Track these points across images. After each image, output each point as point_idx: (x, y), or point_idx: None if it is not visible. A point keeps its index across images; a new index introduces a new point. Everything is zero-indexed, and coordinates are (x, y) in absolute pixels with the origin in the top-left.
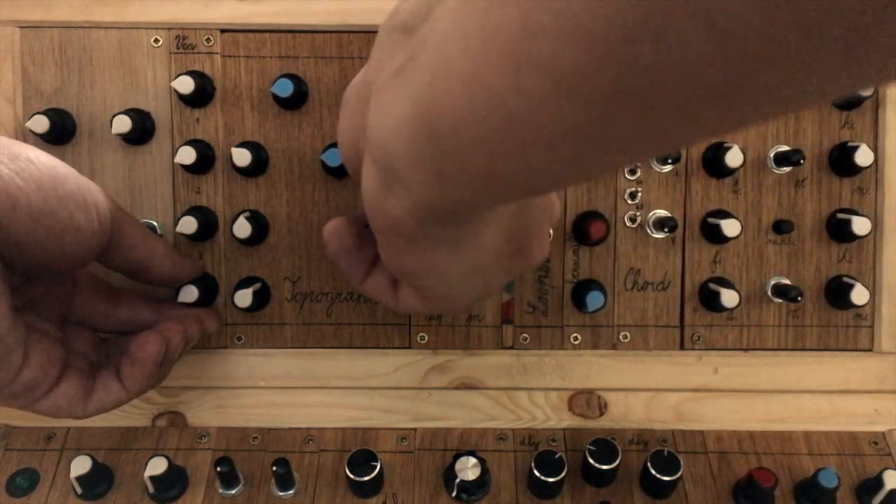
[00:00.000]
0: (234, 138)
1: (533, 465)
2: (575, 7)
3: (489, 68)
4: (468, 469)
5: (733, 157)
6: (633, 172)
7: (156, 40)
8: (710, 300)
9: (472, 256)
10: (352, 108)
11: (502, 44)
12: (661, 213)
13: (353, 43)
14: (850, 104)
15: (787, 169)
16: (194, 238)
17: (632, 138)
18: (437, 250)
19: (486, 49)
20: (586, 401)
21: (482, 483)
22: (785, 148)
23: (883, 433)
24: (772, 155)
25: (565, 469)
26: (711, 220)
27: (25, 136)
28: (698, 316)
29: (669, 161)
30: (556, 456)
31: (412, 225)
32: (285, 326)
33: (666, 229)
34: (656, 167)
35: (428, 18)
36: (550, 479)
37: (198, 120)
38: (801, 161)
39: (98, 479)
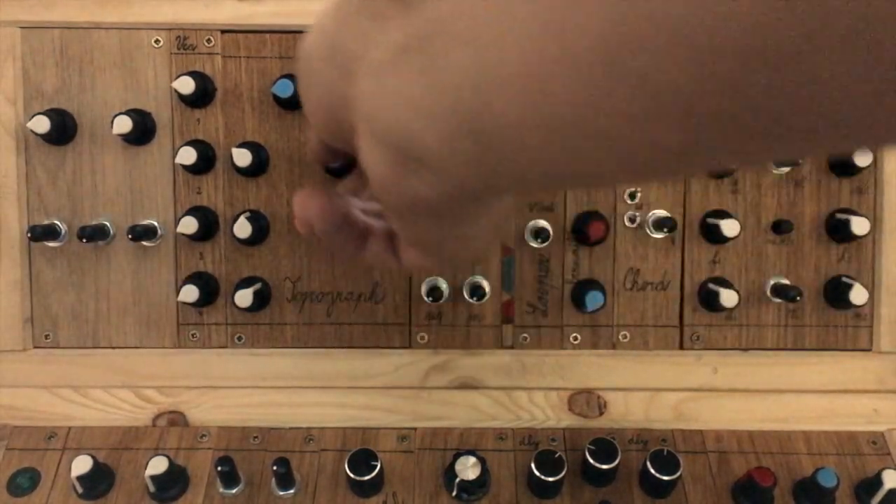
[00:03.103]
0: (234, 138)
1: (533, 464)
2: (684, 21)
3: (562, 79)
4: (468, 469)
5: None
6: None
7: (156, 41)
8: (709, 300)
9: (496, 215)
10: (319, 73)
11: (583, 51)
12: (661, 213)
13: None
14: None
15: (786, 169)
16: (195, 238)
17: (721, 157)
18: (461, 218)
19: (559, 55)
20: (586, 400)
21: (482, 483)
22: None
23: (882, 433)
24: None
25: (565, 469)
26: (711, 220)
27: (26, 136)
28: (698, 316)
29: None
30: (556, 455)
31: (436, 203)
32: (286, 326)
33: (665, 229)
34: None
35: None
36: (550, 479)
37: (198, 120)
38: (800, 161)
39: (99, 479)
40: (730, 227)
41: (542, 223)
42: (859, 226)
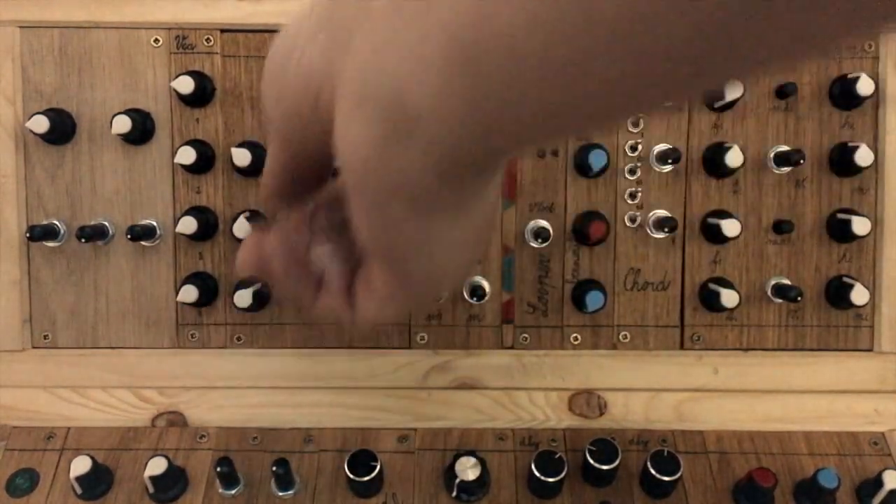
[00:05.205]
0: (234, 138)
1: (533, 465)
2: None
3: None
4: (468, 469)
5: (733, 157)
6: (632, 172)
7: (156, 40)
8: (710, 300)
9: (469, 224)
10: (307, 46)
11: None
12: (661, 213)
13: None
14: (850, 104)
15: (787, 169)
16: (194, 238)
17: (752, 48)
18: (439, 215)
19: None
20: (586, 401)
21: (482, 483)
22: (785, 148)
23: (883, 433)
24: (772, 155)
25: (565, 469)
26: (711, 220)
27: (25, 135)
28: (698, 316)
29: (669, 161)
30: (556, 456)
31: (428, 180)
32: (285, 326)
33: (666, 229)
34: (656, 167)
35: None
36: (550, 479)
37: (198, 120)
38: (801, 161)
39: (98, 480)
40: (730, 227)
41: (543, 223)
42: (860, 226)
